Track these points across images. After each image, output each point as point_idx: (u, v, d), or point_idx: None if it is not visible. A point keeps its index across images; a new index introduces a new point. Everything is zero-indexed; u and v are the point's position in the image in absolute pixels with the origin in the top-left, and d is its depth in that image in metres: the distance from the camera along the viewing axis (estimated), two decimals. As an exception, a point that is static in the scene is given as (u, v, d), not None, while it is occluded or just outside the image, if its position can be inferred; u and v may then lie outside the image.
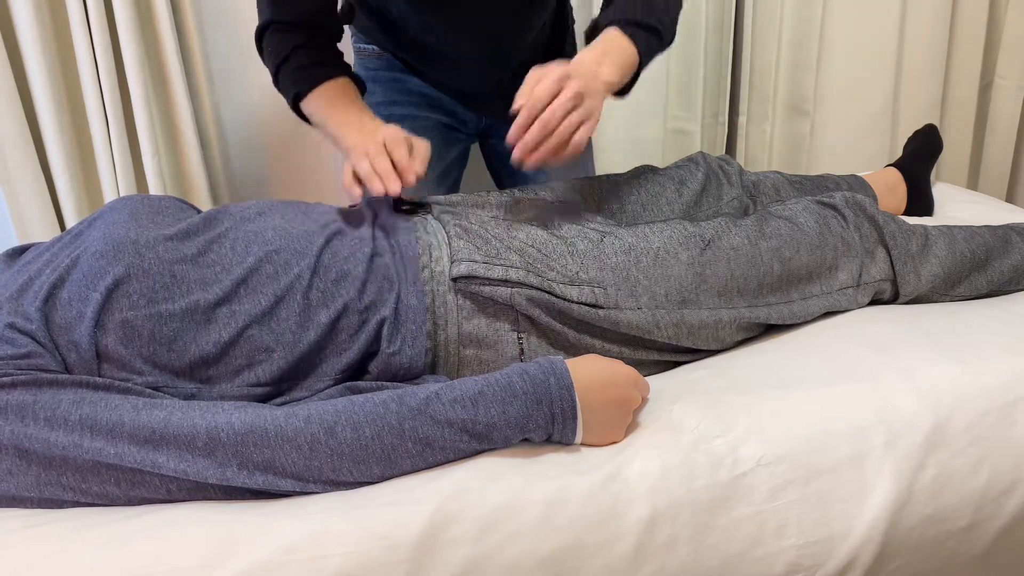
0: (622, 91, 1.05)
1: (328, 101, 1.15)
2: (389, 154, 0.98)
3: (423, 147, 1.02)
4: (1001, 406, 0.85)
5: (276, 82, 1.20)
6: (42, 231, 1.51)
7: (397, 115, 1.42)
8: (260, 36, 1.19)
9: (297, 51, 1.16)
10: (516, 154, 0.91)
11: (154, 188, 1.56)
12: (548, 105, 0.91)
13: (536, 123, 0.90)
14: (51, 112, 1.46)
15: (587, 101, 0.93)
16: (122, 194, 1.52)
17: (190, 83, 1.59)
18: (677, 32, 1.12)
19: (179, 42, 1.55)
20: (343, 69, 1.19)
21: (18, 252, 0.95)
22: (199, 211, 0.98)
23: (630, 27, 1.02)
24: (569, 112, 0.91)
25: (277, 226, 0.91)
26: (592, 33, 1.06)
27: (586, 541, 0.73)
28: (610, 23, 1.03)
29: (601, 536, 0.73)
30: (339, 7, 1.35)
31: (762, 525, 0.77)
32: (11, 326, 0.78)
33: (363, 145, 1.00)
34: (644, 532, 0.74)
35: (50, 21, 1.45)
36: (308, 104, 1.16)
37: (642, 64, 1.04)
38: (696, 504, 0.76)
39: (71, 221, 1.53)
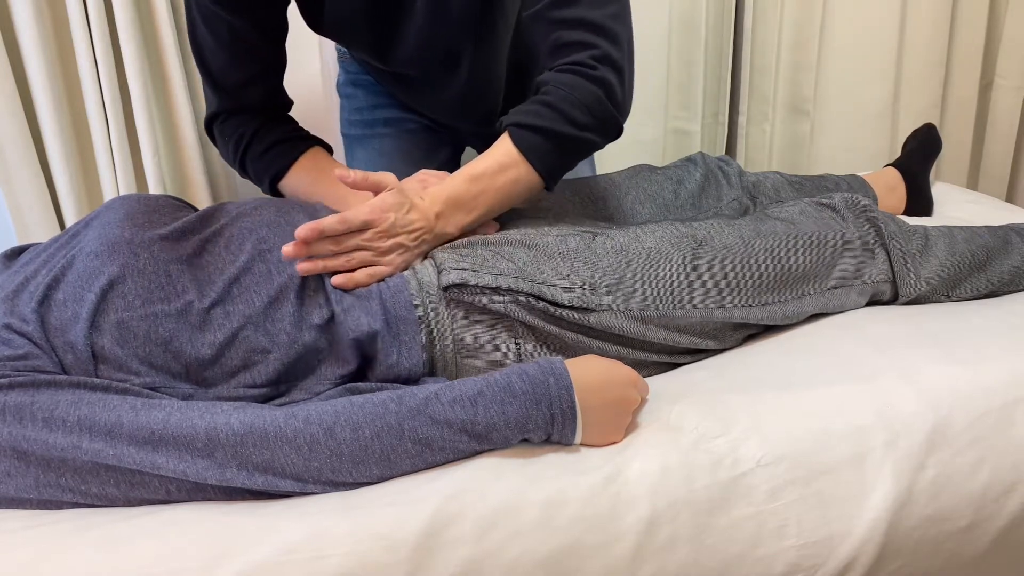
0: (548, 187, 0.99)
1: (310, 177, 1.11)
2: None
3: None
4: (1001, 406, 0.85)
5: (242, 170, 1.14)
6: (42, 231, 1.51)
7: (382, 118, 1.40)
8: (210, 126, 1.14)
9: (258, 134, 1.11)
10: (288, 249, 0.84)
11: (154, 188, 1.56)
12: (352, 232, 0.88)
13: (328, 241, 0.87)
14: (51, 112, 1.46)
15: (389, 256, 0.90)
16: (122, 194, 1.52)
17: (190, 83, 1.59)
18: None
19: (179, 42, 1.55)
20: (310, 140, 1.15)
21: (16, 253, 0.95)
22: (196, 210, 0.98)
23: (523, 132, 0.96)
24: (360, 250, 0.89)
25: (272, 223, 0.91)
26: (497, 131, 1.00)
27: (586, 541, 0.73)
28: (508, 126, 0.97)
29: (601, 536, 0.73)
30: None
31: (762, 525, 0.77)
32: (7, 327, 0.78)
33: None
34: (644, 532, 0.74)
35: (50, 21, 1.45)
36: (287, 183, 1.12)
37: (545, 171, 0.97)
38: (696, 504, 0.76)
39: (71, 221, 1.53)
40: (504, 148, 0.97)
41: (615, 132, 1.01)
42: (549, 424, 0.77)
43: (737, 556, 0.76)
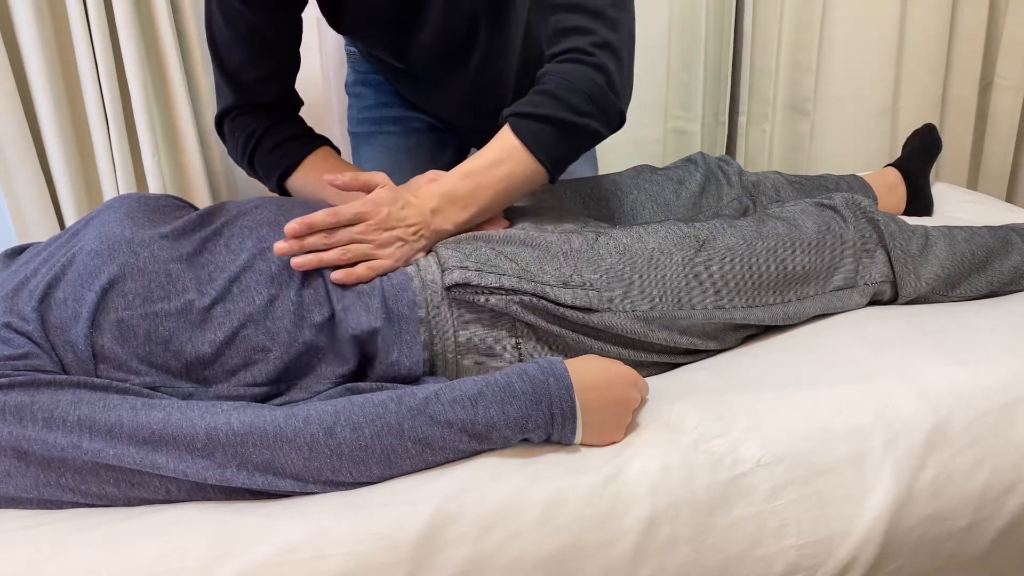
0: (552, 177, 0.99)
1: (318, 175, 1.11)
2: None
3: None
4: (1001, 406, 0.85)
5: (250, 167, 1.15)
6: (42, 231, 1.51)
7: (390, 116, 1.42)
8: (221, 121, 1.15)
9: (268, 131, 1.12)
10: (281, 245, 0.85)
11: (154, 188, 1.56)
12: (343, 226, 0.88)
13: (320, 235, 0.87)
14: (51, 112, 1.45)
15: (388, 249, 0.89)
16: (122, 193, 1.52)
17: (190, 83, 1.59)
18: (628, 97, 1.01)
19: (179, 42, 1.55)
20: (319, 139, 1.16)
21: (16, 252, 0.95)
22: (196, 209, 0.98)
23: (522, 121, 0.96)
24: (356, 243, 0.88)
25: (272, 221, 0.91)
26: (499, 126, 0.99)
27: (586, 541, 0.73)
28: (507, 117, 0.98)
29: (601, 536, 0.73)
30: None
31: (762, 525, 0.77)
32: (7, 326, 0.78)
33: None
34: (644, 532, 0.74)
35: (50, 21, 1.44)
36: (295, 180, 1.13)
37: (547, 159, 0.96)
38: (696, 504, 0.76)
39: (71, 221, 1.53)
40: (500, 142, 0.97)
41: (617, 119, 1.00)
42: (549, 424, 0.77)
43: (737, 556, 0.76)
